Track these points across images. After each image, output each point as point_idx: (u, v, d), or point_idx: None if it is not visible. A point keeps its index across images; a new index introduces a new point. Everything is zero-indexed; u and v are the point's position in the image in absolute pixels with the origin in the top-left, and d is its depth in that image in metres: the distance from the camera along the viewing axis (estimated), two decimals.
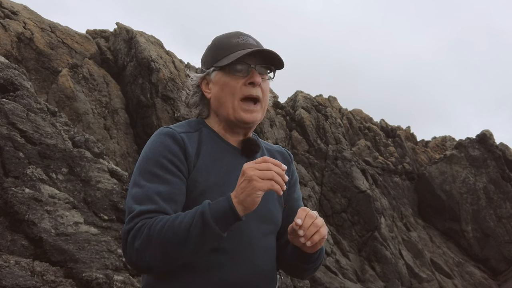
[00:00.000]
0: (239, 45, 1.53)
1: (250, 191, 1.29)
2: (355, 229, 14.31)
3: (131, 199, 1.41)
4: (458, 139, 22.58)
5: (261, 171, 1.29)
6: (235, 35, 1.58)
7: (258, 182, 1.28)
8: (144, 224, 1.34)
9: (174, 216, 1.34)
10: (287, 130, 17.18)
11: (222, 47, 1.56)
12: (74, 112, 10.40)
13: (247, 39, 1.56)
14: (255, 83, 1.52)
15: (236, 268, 1.45)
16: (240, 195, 1.30)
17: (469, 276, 17.10)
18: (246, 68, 1.52)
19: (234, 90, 1.52)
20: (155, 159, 1.45)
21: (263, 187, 1.28)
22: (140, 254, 1.33)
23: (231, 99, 1.53)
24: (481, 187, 19.80)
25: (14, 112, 4.33)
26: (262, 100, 1.56)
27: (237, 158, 1.57)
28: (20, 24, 10.97)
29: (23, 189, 3.52)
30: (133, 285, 3.36)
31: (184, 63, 14.84)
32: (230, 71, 1.53)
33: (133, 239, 1.34)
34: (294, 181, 1.75)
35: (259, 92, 1.54)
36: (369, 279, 12.94)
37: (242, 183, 1.31)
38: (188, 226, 1.30)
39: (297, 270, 1.60)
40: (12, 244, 3.09)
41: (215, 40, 1.62)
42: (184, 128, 1.56)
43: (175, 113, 11.74)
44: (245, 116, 1.53)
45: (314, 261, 1.54)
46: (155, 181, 1.41)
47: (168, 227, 1.31)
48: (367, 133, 22.10)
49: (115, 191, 4.41)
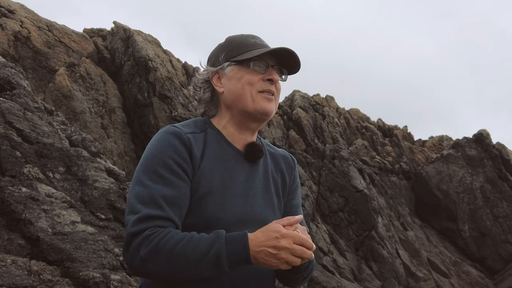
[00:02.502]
0: (256, 45, 1.56)
1: (269, 262, 1.31)
2: (352, 229, 14.34)
3: (134, 197, 1.39)
4: (455, 139, 22.65)
5: (293, 253, 1.31)
6: (250, 36, 1.61)
7: (281, 264, 1.31)
8: (153, 234, 1.32)
9: (188, 237, 1.33)
10: (284, 130, 17.19)
11: (239, 45, 1.58)
12: (71, 111, 10.38)
13: (262, 41, 1.60)
14: (273, 80, 1.54)
15: (234, 269, 1.45)
16: (258, 255, 1.31)
17: (465, 275, 17.15)
18: (264, 66, 1.55)
19: (253, 83, 1.54)
20: (160, 159, 1.43)
21: (279, 266, 1.31)
22: (143, 263, 1.32)
23: (249, 90, 1.54)
24: (477, 187, 19.86)
25: (11, 111, 4.32)
26: (276, 97, 1.59)
27: (240, 162, 1.57)
28: (17, 22, 10.95)
29: (19, 188, 3.51)
30: (130, 285, 3.36)
31: (181, 62, 14.83)
32: (251, 66, 1.54)
33: (138, 246, 1.32)
34: (295, 186, 1.75)
35: (274, 89, 1.57)
36: (366, 278, 12.97)
37: (269, 247, 1.31)
38: (201, 257, 1.30)
39: (286, 278, 1.59)
40: (9, 243, 3.09)
41: (230, 38, 1.63)
42: (191, 128, 1.54)
43: (172, 112, 11.73)
44: (265, 104, 1.54)
45: (302, 271, 1.52)
46: (159, 182, 1.39)
47: (180, 250, 1.30)
48: (364, 132, 22.13)
49: (112, 190, 4.41)
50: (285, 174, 1.71)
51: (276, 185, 1.66)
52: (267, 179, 1.63)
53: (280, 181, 1.68)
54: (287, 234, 1.31)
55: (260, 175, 1.61)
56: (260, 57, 1.53)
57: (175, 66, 13.83)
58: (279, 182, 1.68)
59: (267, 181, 1.63)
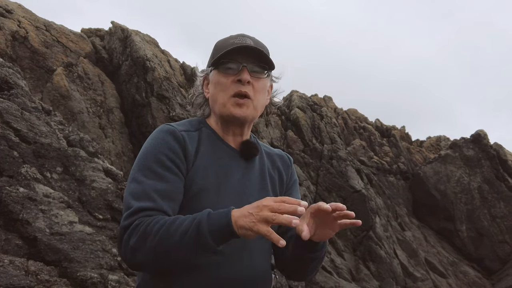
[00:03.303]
0: (234, 44, 1.53)
1: (250, 224, 1.23)
2: (350, 229, 14.33)
3: (129, 194, 1.41)
4: (453, 139, 22.69)
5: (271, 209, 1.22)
6: (235, 36, 1.58)
7: (262, 226, 1.22)
8: (142, 222, 1.33)
9: (172, 219, 1.33)
10: (282, 130, 17.19)
11: (219, 48, 1.57)
12: (69, 111, 10.36)
13: (244, 40, 1.55)
14: (242, 80, 1.51)
15: (231, 268, 1.45)
16: (240, 219, 1.25)
17: (463, 275, 17.17)
18: (237, 67, 1.52)
19: (225, 87, 1.53)
20: (154, 156, 1.45)
21: (260, 230, 1.22)
22: (134, 252, 1.32)
23: (222, 95, 1.54)
24: (475, 187, 19.89)
25: (8, 111, 4.31)
26: (253, 98, 1.55)
27: (235, 159, 1.58)
28: (14, 22, 10.92)
29: (17, 188, 3.51)
30: (127, 285, 3.35)
31: (179, 62, 14.82)
32: (222, 69, 1.54)
33: (129, 237, 1.33)
34: (292, 182, 1.75)
35: (249, 90, 1.53)
36: (364, 278, 12.98)
37: (251, 209, 1.25)
38: (183, 233, 1.28)
39: (302, 263, 1.54)
40: (6, 243, 3.08)
41: (217, 42, 1.63)
42: (185, 127, 1.56)
43: (170, 112, 11.72)
44: (234, 110, 1.52)
45: (321, 248, 1.51)
46: (153, 178, 1.41)
47: (164, 230, 1.29)
48: (362, 132, 22.15)
49: (110, 191, 4.40)
50: (282, 172, 1.72)
51: (273, 183, 1.67)
52: (264, 177, 1.64)
53: (277, 179, 1.69)
54: (270, 198, 1.27)
55: (256, 173, 1.61)
56: (232, 58, 1.52)
57: (173, 66, 13.82)
58: (276, 180, 1.69)
59: (263, 178, 1.63)
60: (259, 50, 1.52)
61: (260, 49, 1.52)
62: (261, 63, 1.56)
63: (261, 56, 1.54)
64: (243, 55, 1.53)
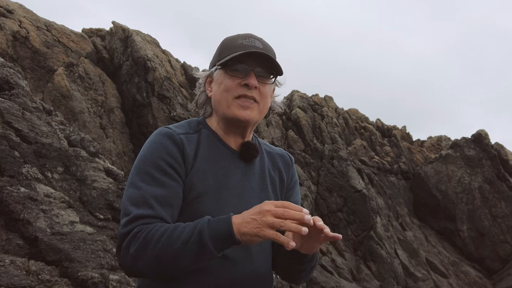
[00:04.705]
0: (243, 46, 1.51)
1: (252, 230, 1.24)
2: (351, 229, 14.34)
3: (127, 199, 1.40)
4: (454, 139, 22.67)
5: (275, 214, 1.22)
6: (243, 36, 1.56)
7: (269, 230, 1.22)
8: (141, 230, 1.32)
9: (172, 227, 1.33)
10: (283, 130, 17.20)
11: (227, 47, 1.55)
12: (70, 111, 10.37)
13: (253, 42, 1.53)
14: (249, 85, 1.49)
15: (232, 270, 1.45)
16: (242, 226, 1.26)
17: (464, 275, 17.17)
18: (245, 70, 1.50)
19: (230, 88, 1.51)
20: (153, 160, 1.43)
21: (267, 235, 1.22)
22: (134, 260, 1.32)
23: (226, 96, 1.52)
24: (476, 187, 19.89)
25: (9, 111, 4.32)
26: (260, 102, 1.53)
27: (235, 161, 1.56)
28: (15, 22, 10.93)
29: (18, 188, 3.51)
30: (128, 285, 3.36)
31: (180, 62, 14.82)
32: (230, 71, 1.52)
33: (128, 244, 1.33)
34: (293, 183, 1.74)
35: (255, 94, 1.52)
36: (365, 278, 12.98)
37: (252, 214, 1.25)
38: (185, 241, 1.28)
39: (292, 272, 1.56)
40: (7, 243, 3.08)
41: (223, 40, 1.61)
42: (184, 129, 1.54)
43: (171, 112, 11.72)
44: (239, 112, 1.51)
45: (309, 261, 1.51)
46: (152, 184, 1.40)
47: (165, 239, 1.29)
48: (363, 132, 22.15)
49: (111, 190, 4.41)
50: (282, 172, 1.70)
51: (274, 184, 1.66)
52: (264, 178, 1.63)
53: (277, 179, 1.68)
54: (270, 202, 1.27)
55: (256, 174, 1.60)
56: (240, 60, 1.50)
57: (174, 66, 13.83)
58: (277, 180, 1.67)
59: (263, 180, 1.62)
60: (268, 56, 1.50)
61: (269, 55, 1.50)
62: (269, 68, 1.54)
63: (270, 61, 1.52)
64: (252, 59, 1.51)
